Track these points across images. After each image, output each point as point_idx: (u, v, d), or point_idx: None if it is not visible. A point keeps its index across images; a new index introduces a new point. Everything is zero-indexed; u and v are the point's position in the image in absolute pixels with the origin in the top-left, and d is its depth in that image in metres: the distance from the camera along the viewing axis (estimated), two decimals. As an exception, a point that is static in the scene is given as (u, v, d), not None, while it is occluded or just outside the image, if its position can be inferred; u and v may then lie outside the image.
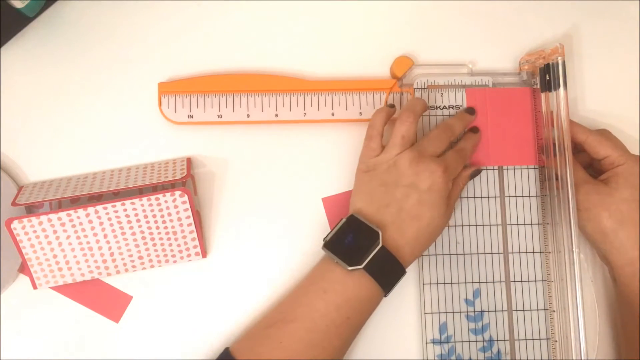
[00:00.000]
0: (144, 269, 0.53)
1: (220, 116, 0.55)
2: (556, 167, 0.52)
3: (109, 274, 0.52)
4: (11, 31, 0.55)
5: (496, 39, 0.58)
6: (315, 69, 0.57)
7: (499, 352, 0.53)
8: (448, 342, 0.53)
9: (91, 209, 0.50)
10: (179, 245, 0.52)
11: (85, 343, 0.52)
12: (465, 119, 0.54)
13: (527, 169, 0.55)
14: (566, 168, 0.51)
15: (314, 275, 0.49)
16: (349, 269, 0.47)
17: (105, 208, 0.51)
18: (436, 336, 0.53)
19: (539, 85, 0.55)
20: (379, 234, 0.47)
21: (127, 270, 0.52)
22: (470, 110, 0.55)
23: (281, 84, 0.55)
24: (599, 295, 0.55)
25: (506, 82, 0.57)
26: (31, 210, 0.53)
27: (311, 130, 0.56)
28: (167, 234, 0.52)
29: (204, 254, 0.53)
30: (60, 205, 0.53)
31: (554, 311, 0.53)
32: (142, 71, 0.56)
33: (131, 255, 0.52)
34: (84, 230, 0.51)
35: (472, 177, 0.53)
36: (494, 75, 0.57)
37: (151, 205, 0.51)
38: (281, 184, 0.56)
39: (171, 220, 0.52)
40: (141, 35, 0.56)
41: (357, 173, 0.52)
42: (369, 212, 0.49)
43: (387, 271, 0.47)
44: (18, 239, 0.50)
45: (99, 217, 0.51)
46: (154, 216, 0.51)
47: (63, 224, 0.50)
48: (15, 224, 0.50)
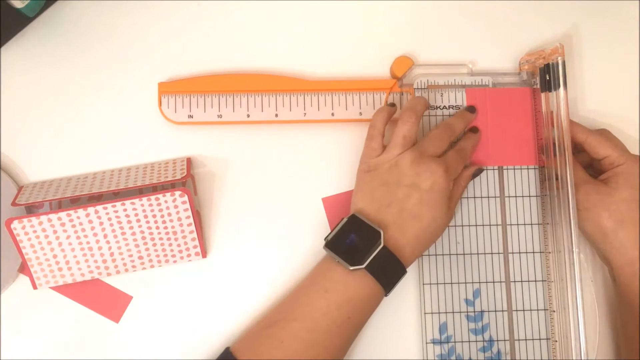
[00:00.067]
0: (144, 269, 0.53)
1: (220, 116, 0.55)
2: (556, 167, 0.52)
3: (109, 274, 0.52)
4: (11, 31, 0.55)
5: (496, 39, 0.59)
6: (315, 69, 0.57)
7: (499, 352, 0.53)
8: (448, 342, 0.53)
9: (91, 209, 0.50)
10: (179, 245, 0.52)
11: (85, 343, 0.52)
12: (466, 117, 0.54)
13: (527, 169, 0.55)
14: (566, 168, 0.51)
15: (315, 274, 0.49)
16: (351, 268, 0.47)
17: (105, 208, 0.50)
18: (436, 336, 0.53)
19: (539, 85, 0.55)
20: (380, 233, 0.47)
21: (127, 270, 0.52)
22: (471, 109, 0.55)
23: (281, 84, 0.55)
24: (599, 295, 0.55)
25: (506, 82, 0.57)
26: (31, 210, 0.53)
27: (311, 130, 0.56)
28: (167, 234, 0.52)
29: (204, 254, 0.53)
30: (60, 205, 0.53)
31: (554, 311, 0.53)
32: (142, 71, 0.56)
33: (131, 255, 0.52)
34: (84, 230, 0.51)
35: (474, 176, 0.53)
36: (494, 75, 0.57)
37: (151, 205, 0.51)
38: (281, 184, 0.56)
39: (171, 220, 0.52)
40: (141, 35, 0.56)
41: (358, 173, 0.52)
42: (370, 211, 0.49)
43: (388, 271, 0.47)
44: (18, 239, 0.50)
45: (99, 217, 0.51)
46: (154, 216, 0.51)
47: (63, 224, 0.50)
48: (15, 224, 0.50)
